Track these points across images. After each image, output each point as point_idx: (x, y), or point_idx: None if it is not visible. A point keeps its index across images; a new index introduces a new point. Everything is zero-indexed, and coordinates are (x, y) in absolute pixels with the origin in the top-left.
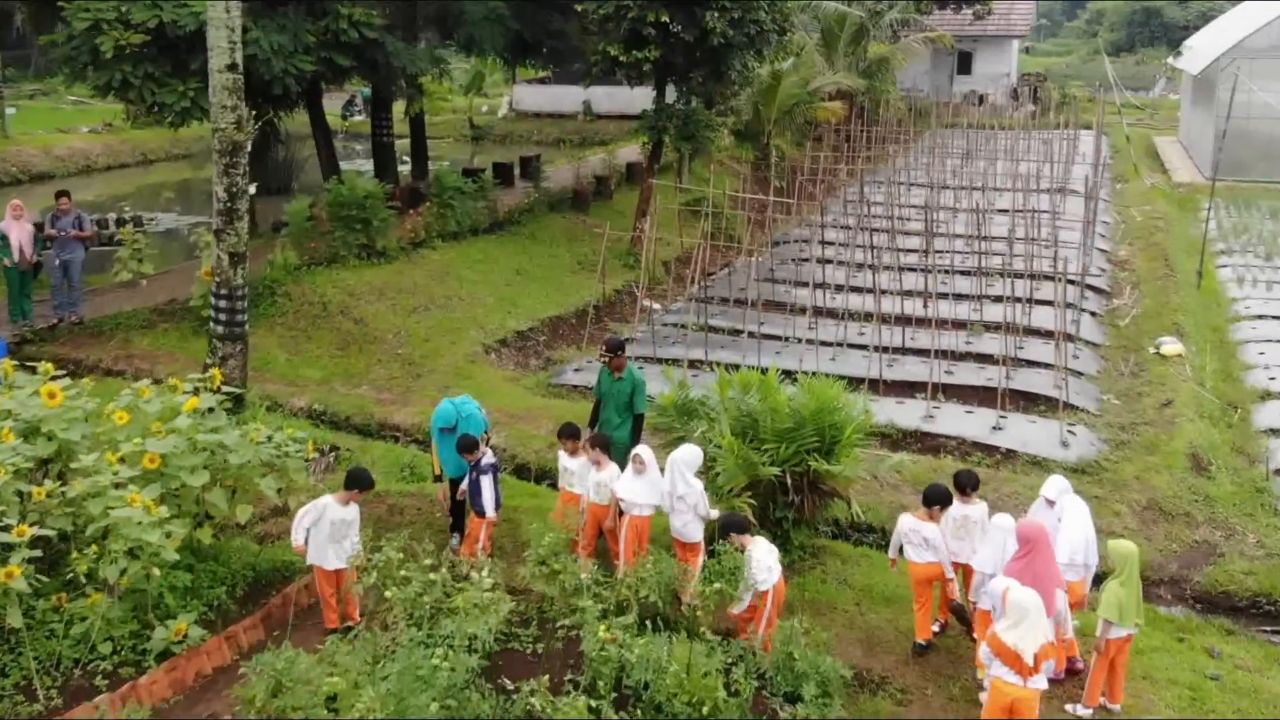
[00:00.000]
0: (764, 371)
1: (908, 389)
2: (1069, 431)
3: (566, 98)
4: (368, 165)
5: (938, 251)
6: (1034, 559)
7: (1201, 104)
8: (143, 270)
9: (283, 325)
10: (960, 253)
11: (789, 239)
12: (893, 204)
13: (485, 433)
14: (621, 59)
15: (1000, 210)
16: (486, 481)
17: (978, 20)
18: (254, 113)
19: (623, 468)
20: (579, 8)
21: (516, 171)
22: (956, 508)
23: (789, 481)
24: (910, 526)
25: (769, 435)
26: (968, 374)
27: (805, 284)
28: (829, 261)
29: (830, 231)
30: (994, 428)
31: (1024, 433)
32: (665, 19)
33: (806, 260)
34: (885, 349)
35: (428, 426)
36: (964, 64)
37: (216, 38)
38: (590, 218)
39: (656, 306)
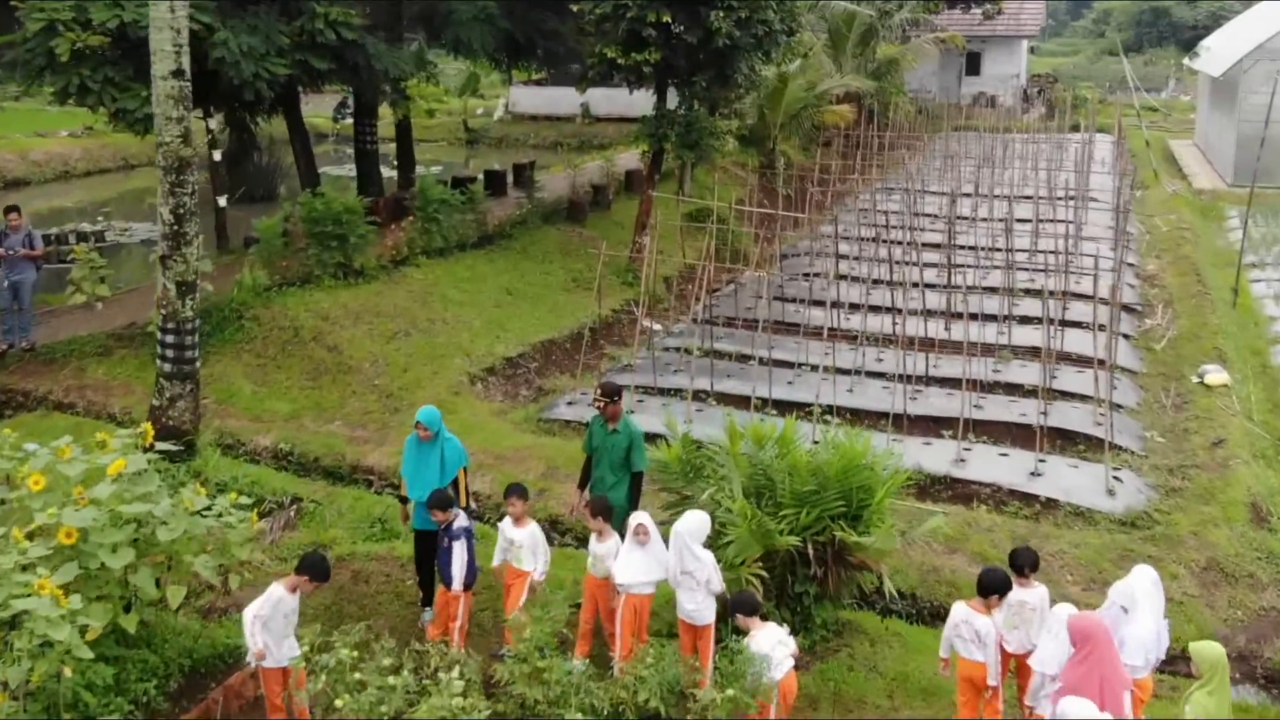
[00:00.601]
0: (775, 405)
1: (933, 425)
2: (1114, 478)
3: (564, 100)
4: None
5: (958, 266)
6: (1096, 658)
7: (1221, 107)
8: (99, 292)
9: (250, 353)
10: (982, 267)
11: (798, 252)
12: (909, 214)
13: (463, 468)
14: (620, 61)
15: (1021, 220)
16: (459, 549)
17: (987, 20)
18: (217, 119)
19: (620, 533)
20: (574, 7)
21: (509, 179)
22: (1013, 592)
23: (811, 552)
24: (962, 617)
25: (787, 498)
26: (998, 408)
27: (818, 303)
28: (843, 277)
29: (842, 244)
30: (1032, 473)
31: (1065, 479)
32: (667, 19)
33: (818, 276)
34: (908, 378)
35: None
36: (972, 65)
37: (160, 40)
38: (587, 230)
39: (657, 327)
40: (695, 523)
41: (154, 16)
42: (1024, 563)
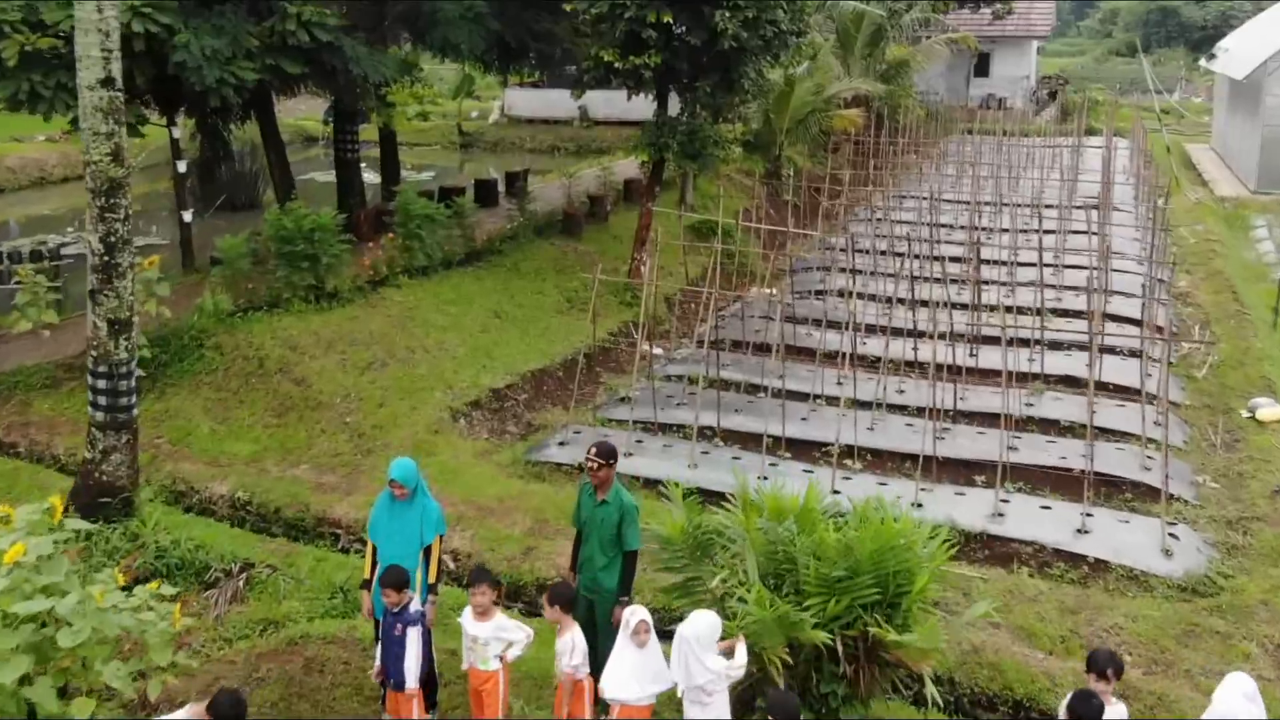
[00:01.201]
0: (789, 444)
1: (964, 469)
2: (1170, 534)
3: (561, 103)
4: None
5: (983, 283)
6: None
7: (1243, 110)
8: (45, 319)
9: (210, 385)
10: (1009, 285)
11: (808, 265)
12: (925, 225)
13: (440, 536)
14: (617, 65)
15: (1047, 231)
16: (415, 637)
17: (997, 20)
18: (183, 127)
19: (612, 624)
20: (567, 6)
21: (501, 189)
22: None
23: (840, 648)
24: None
25: (812, 584)
26: (1034, 450)
27: (832, 324)
28: (860, 296)
29: (856, 258)
30: (1078, 530)
31: (1115, 536)
32: (668, 19)
33: (829, 294)
34: (934, 412)
35: None
36: (981, 66)
37: (86, 45)
38: (582, 245)
39: (658, 352)
40: (704, 627)
41: (79, 18)
42: (1104, 665)
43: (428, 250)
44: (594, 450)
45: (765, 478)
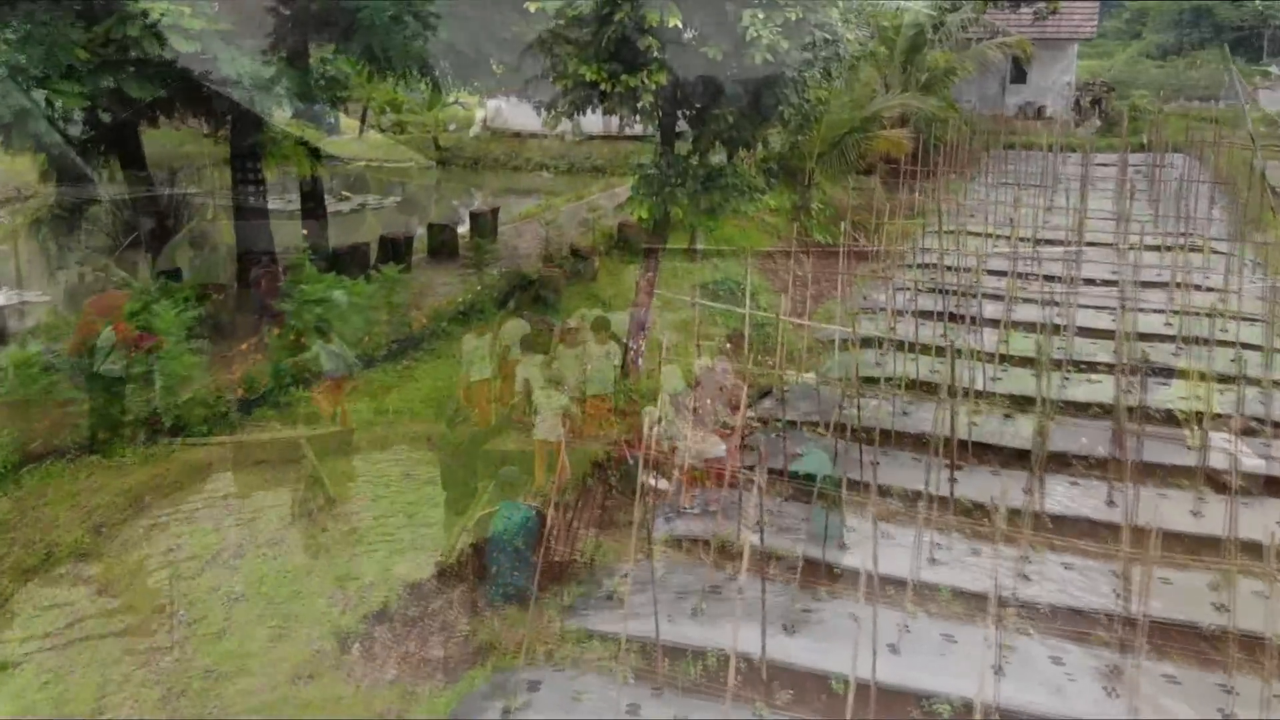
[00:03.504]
0: (879, 697)
1: None
2: None
3: None
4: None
5: (1091, 365)
6: None
7: None
8: None
9: None
10: (1135, 369)
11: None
12: (1009, 275)
13: None
14: (605, 86)
15: (1156, 284)
16: None
17: (1039, 20)
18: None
19: None
20: (532, 7)
21: (464, 232)
22: None
23: None
24: None
25: None
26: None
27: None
28: (937, 392)
29: (906, 320)
30: None
31: None
32: (675, 23)
33: (894, 387)
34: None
35: None
36: (1018, 71)
37: None
38: (562, 317)
39: (664, 486)
40: None
41: None
42: None
43: (333, 349)
44: None
45: None
